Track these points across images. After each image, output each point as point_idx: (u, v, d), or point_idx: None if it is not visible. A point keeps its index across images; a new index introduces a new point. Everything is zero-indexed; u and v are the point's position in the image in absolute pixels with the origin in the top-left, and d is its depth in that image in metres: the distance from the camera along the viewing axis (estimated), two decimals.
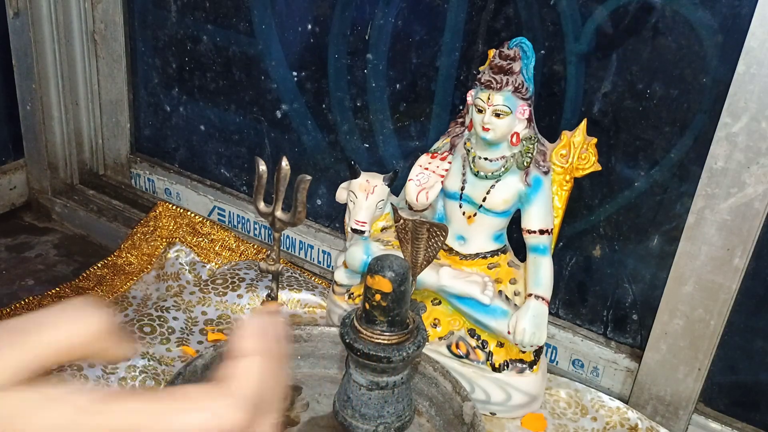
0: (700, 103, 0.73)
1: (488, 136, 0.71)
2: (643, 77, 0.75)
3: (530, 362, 0.76)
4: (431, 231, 0.71)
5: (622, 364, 0.84)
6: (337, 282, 0.83)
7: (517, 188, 0.74)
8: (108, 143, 1.20)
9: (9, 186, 1.17)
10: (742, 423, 0.80)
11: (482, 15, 0.82)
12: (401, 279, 0.59)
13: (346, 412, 0.65)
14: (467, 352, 0.76)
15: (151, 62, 1.10)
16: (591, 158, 0.73)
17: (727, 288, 0.72)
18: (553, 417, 0.77)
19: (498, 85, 0.70)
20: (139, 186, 1.18)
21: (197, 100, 1.08)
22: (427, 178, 0.75)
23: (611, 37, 0.75)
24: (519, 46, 0.70)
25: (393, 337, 0.61)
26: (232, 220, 1.08)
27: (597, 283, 0.85)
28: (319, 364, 0.77)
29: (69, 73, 1.12)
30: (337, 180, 0.91)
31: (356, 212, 0.78)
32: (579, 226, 0.83)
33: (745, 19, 0.65)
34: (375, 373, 0.62)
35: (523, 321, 0.72)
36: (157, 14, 1.06)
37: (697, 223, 0.71)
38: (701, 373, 0.77)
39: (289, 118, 1.00)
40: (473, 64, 0.83)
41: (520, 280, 0.76)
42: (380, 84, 0.91)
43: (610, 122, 0.78)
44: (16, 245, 1.10)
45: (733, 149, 0.67)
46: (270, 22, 0.97)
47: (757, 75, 0.65)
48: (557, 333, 0.87)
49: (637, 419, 0.77)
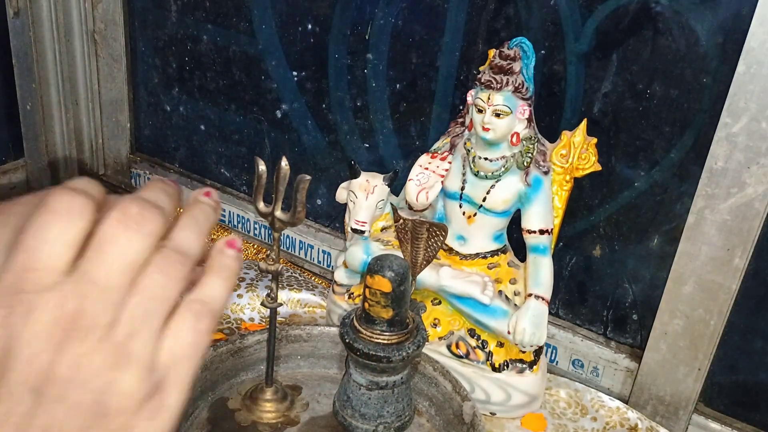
0: (700, 103, 0.73)
1: (488, 136, 0.71)
2: (643, 77, 0.75)
3: (530, 362, 0.76)
4: (431, 231, 0.71)
5: (622, 364, 0.84)
6: (337, 282, 0.83)
7: (517, 188, 0.74)
8: (108, 143, 1.20)
9: (9, 186, 1.17)
10: (742, 423, 0.80)
11: (482, 15, 0.82)
12: (401, 279, 0.59)
13: (346, 412, 0.65)
14: (467, 352, 0.76)
15: (151, 62, 1.10)
16: (591, 158, 0.73)
17: (727, 288, 0.72)
18: (553, 417, 0.77)
19: (498, 85, 0.70)
20: (139, 186, 1.18)
21: (197, 99, 1.08)
22: (427, 178, 0.75)
23: (611, 37, 0.75)
24: (519, 46, 0.70)
25: (393, 337, 0.61)
26: (232, 220, 1.08)
27: (597, 283, 0.85)
28: (319, 364, 0.77)
29: (69, 73, 1.12)
30: (337, 180, 0.91)
31: (356, 212, 0.78)
32: (579, 226, 0.83)
33: (745, 19, 0.65)
34: (375, 372, 0.62)
35: (523, 321, 0.72)
36: (157, 14, 1.06)
37: (697, 223, 0.71)
38: (701, 373, 0.77)
39: (289, 118, 1.00)
40: (473, 64, 0.83)
41: (520, 280, 0.76)
42: (380, 84, 0.91)
43: (610, 122, 0.78)
44: None
45: (733, 149, 0.67)
46: (270, 22, 0.97)
47: (757, 75, 0.65)
48: (557, 333, 0.87)
49: (637, 419, 0.77)
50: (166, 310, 0.29)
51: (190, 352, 0.30)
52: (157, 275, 0.29)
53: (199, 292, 0.31)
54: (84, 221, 0.28)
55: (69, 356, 0.27)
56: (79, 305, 0.27)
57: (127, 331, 0.28)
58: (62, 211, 0.28)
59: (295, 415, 0.70)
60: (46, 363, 0.27)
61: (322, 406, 0.72)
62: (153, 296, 0.29)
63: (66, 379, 0.27)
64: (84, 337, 0.27)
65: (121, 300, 0.28)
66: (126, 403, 0.28)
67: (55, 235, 0.28)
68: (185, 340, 0.29)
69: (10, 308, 0.27)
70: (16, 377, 0.27)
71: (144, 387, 0.28)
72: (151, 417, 0.29)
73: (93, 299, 0.28)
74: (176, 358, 0.29)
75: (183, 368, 0.30)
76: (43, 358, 0.27)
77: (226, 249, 0.33)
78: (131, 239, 0.29)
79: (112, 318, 0.28)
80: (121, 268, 0.28)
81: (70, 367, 0.27)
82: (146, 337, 0.29)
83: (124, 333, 0.28)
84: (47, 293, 0.27)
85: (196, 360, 0.30)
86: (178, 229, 0.31)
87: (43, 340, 0.27)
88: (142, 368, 0.28)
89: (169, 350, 0.29)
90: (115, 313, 0.28)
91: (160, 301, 0.29)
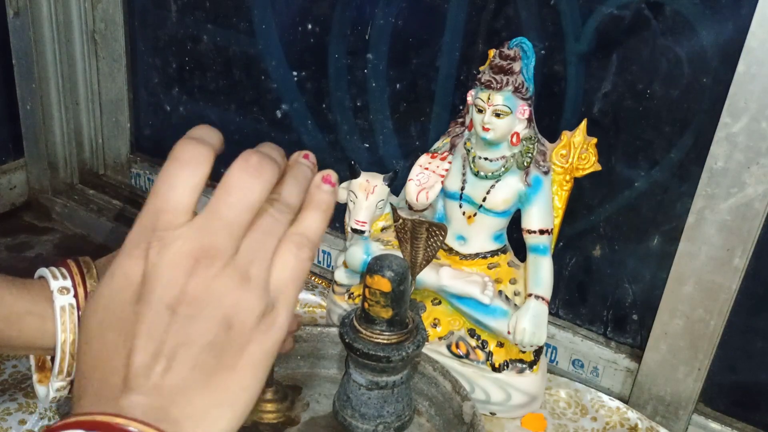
0: (700, 103, 0.73)
1: (488, 136, 0.71)
2: (643, 77, 0.75)
3: (530, 362, 0.76)
4: (431, 231, 0.71)
5: (622, 364, 0.84)
6: (337, 282, 0.83)
7: (517, 188, 0.74)
8: (108, 143, 1.20)
9: (9, 186, 1.17)
10: (742, 423, 0.80)
11: (482, 15, 0.82)
12: (400, 279, 0.59)
13: (346, 412, 0.65)
14: (467, 352, 0.76)
15: (151, 62, 1.10)
16: (591, 158, 0.73)
17: (727, 288, 0.72)
18: (553, 417, 0.78)
19: (498, 85, 0.70)
20: (139, 186, 1.18)
21: (197, 99, 1.08)
22: (427, 178, 0.75)
23: (611, 37, 0.75)
24: (519, 46, 0.70)
25: (392, 337, 0.61)
26: None
27: (597, 283, 0.85)
28: (319, 364, 0.77)
29: (69, 73, 1.12)
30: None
31: (356, 212, 0.78)
32: (579, 226, 0.83)
33: (745, 19, 0.65)
34: (374, 372, 0.62)
35: (523, 321, 0.72)
36: (157, 14, 1.06)
37: (697, 223, 0.71)
38: (701, 373, 0.77)
39: (289, 118, 1.00)
40: (473, 64, 0.83)
41: (520, 280, 0.76)
42: (380, 84, 0.91)
43: (610, 122, 0.78)
44: (16, 245, 1.10)
45: (733, 149, 0.67)
46: (270, 22, 0.97)
47: (757, 75, 0.65)
48: (557, 333, 0.87)
49: (637, 419, 0.77)
50: (275, 244, 0.34)
51: (294, 276, 0.35)
52: (269, 217, 0.34)
53: (299, 225, 0.36)
54: (206, 167, 0.34)
55: (199, 279, 0.32)
56: (208, 237, 0.32)
57: (247, 258, 0.33)
58: (186, 160, 0.34)
59: (295, 415, 0.70)
60: (180, 285, 0.31)
61: (322, 406, 0.72)
62: (267, 232, 0.34)
63: (197, 298, 0.32)
64: (211, 263, 0.32)
65: (241, 234, 0.33)
66: (247, 318, 0.32)
67: (182, 181, 0.33)
68: (290, 266, 0.34)
69: (148, 244, 0.32)
70: (156, 298, 0.31)
71: (261, 305, 0.33)
72: (266, 330, 0.33)
73: (220, 233, 0.32)
74: (284, 281, 0.34)
75: (289, 290, 0.34)
76: (178, 282, 0.31)
77: (323, 184, 0.38)
78: (253, 183, 0.33)
79: (235, 248, 0.33)
80: (243, 208, 0.33)
81: (200, 289, 0.32)
82: (262, 264, 0.33)
83: (245, 260, 0.33)
84: (179, 230, 0.32)
85: (299, 284, 0.35)
86: (284, 184, 0.36)
87: (177, 267, 0.32)
88: (260, 288, 0.33)
89: (278, 275, 0.34)
90: (236, 245, 0.33)
91: (272, 236, 0.34)
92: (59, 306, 0.52)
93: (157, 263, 0.32)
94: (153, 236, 0.32)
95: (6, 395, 0.71)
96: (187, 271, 0.32)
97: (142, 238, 0.32)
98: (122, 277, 0.32)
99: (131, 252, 0.33)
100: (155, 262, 0.32)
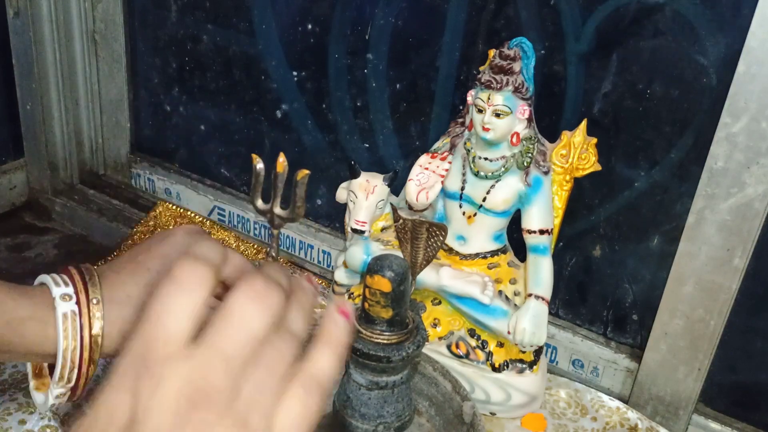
0: (700, 103, 0.73)
1: (488, 136, 0.71)
2: (643, 77, 0.75)
3: (530, 362, 0.76)
4: (431, 231, 0.71)
5: (622, 364, 0.84)
6: (337, 282, 0.83)
7: (517, 188, 0.74)
8: (108, 143, 1.20)
9: (9, 186, 1.17)
10: (742, 423, 0.80)
11: (482, 15, 0.82)
12: (401, 279, 0.59)
13: (346, 412, 0.65)
14: (467, 352, 0.76)
15: (151, 62, 1.10)
16: (591, 158, 0.73)
17: (727, 288, 0.72)
18: (553, 417, 0.77)
19: (498, 85, 0.70)
20: (139, 186, 1.18)
21: (197, 99, 1.08)
22: (427, 178, 0.75)
23: (611, 37, 0.75)
24: (519, 46, 0.70)
25: (393, 337, 0.61)
26: (232, 220, 1.08)
27: (597, 283, 0.85)
28: None
29: (69, 73, 1.12)
30: (337, 180, 0.91)
31: (356, 212, 0.78)
32: (579, 226, 0.83)
33: (745, 19, 0.65)
34: (375, 372, 0.62)
35: (523, 321, 0.72)
36: (157, 14, 1.06)
37: (697, 223, 0.71)
38: (701, 373, 0.77)
39: (289, 118, 1.00)
40: (473, 64, 0.83)
41: (520, 280, 0.76)
42: (380, 84, 0.91)
43: (610, 122, 0.78)
44: (16, 245, 1.10)
45: (733, 149, 0.67)
46: (270, 22, 0.97)
47: (757, 75, 0.65)
48: (557, 333, 0.87)
49: (637, 419, 0.77)
50: (279, 384, 0.31)
51: (299, 424, 0.31)
52: (275, 351, 0.31)
53: (310, 365, 0.32)
54: (206, 291, 0.30)
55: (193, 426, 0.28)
56: (205, 375, 0.29)
57: (248, 403, 0.29)
58: (186, 282, 0.30)
59: None
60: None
61: None
62: (270, 369, 0.30)
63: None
64: (208, 407, 0.28)
65: (243, 371, 0.29)
66: None
67: (179, 306, 0.30)
68: (295, 413, 0.31)
69: (138, 376, 0.29)
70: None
71: None
72: None
73: (218, 369, 0.29)
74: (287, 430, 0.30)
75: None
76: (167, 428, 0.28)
77: (338, 317, 0.34)
78: (257, 312, 0.30)
79: (234, 387, 0.29)
80: (246, 340, 0.30)
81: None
82: (263, 411, 0.30)
83: (245, 405, 0.29)
84: (173, 363, 0.29)
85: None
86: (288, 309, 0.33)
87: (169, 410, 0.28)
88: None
89: (281, 424, 0.30)
90: (237, 384, 0.29)
91: (276, 375, 0.31)
92: (61, 313, 0.51)
93: (148, 407, 0.28)
94: (143, 368, 0.29)
95: (6, 395, 0.71)
96: (181, 420, 0.28)
97: (132, 369, 0.29)
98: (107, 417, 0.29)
99: (119, 384, 0.29)
100: (146, 404, 0.28)
